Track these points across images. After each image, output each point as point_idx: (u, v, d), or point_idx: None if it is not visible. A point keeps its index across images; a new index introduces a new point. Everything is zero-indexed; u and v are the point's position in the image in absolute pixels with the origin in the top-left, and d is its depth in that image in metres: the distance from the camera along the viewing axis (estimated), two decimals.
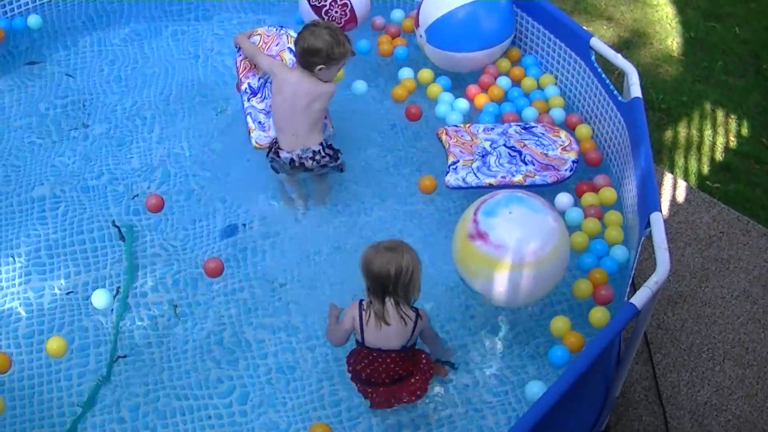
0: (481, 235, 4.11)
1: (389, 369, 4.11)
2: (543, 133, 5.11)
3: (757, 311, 5.13)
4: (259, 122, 5.07)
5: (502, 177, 4.86)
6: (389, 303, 3.97)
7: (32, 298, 4.65)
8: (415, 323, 4.03)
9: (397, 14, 5.92)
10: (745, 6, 7.15)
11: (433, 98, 5.49)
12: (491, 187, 4.76)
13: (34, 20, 5.91)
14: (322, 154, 4.89)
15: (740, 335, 5.03)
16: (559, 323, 4.40)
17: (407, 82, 5.54)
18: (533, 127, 5.16)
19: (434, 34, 5.33)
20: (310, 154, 4.87)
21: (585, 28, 5.78)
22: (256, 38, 5.21)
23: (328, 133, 5.09)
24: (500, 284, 4.15)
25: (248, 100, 5.14)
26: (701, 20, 6.99)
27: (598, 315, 4.37)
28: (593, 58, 5.17)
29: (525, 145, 5.03)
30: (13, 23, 5.91)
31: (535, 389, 4.15)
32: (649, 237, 4.08)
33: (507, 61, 5.62)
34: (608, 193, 4.89)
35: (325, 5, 5.42)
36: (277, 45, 5.18)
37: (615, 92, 5.00)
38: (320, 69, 4.73)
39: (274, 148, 4.94)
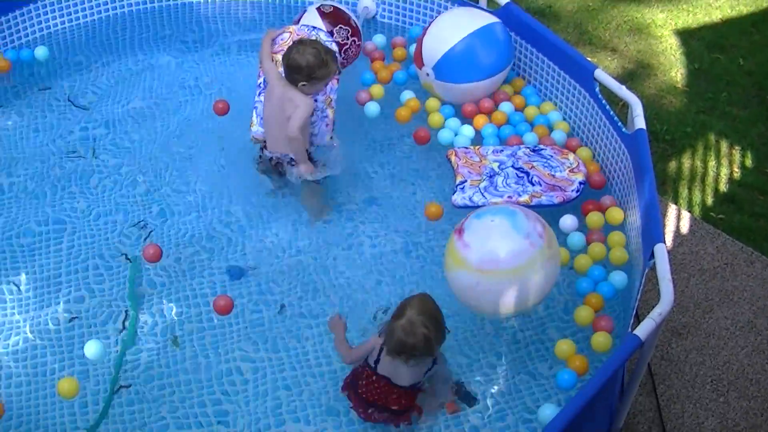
0: (460, 231, 4.28)
1: (389, 399, 4.12)
2: (551, 156, 5.17)
3: (761, 342, 5.12)
4: (262, 118, 5.19)
5: (509, 197, 4.90)
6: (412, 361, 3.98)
7: (33, 326, 4.66)
8: (431, 367, 4.08)
9: (379, 39, 6.09)
10: (749, 37, 7.19)
11: (437, 126, 5.55)
12: None
13: (41, 52, 5.97)
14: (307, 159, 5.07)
15: (745, 367, 5.02)
16: (564, 346, 4.41)
17: (411, 102, 5.64)
18: (542, 149, 5.23)
19: (442, 69, 5.42)
20: (288, 159, 5.05)
21: (589, 59, 5.82)
22: (286, 35, 5.31)
23: (323, 141, 5.22)
24: (457, 281, 4.30)
25: (259, 94, 5.28)
26: (705, 51, 7.03)
27: (600, 339, 4.39)
28: (597, 89, 5.21)
29: (533, 167, 5.08)
30: (20, 54, 5.98)
31: (548, 411, 4.16)
32: (653, 268, 4.09)
33: (511, 89, 5.74)
34: (615, 213, 4.93)
35: (347, 44, 5.54)
36: None
37: (619, 123, 5.02)
38: (303, 85, 4.88)
39: (262, 144, 5.15)
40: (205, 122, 5.71)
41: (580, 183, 5.00)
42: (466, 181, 5.05)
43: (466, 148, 5.31)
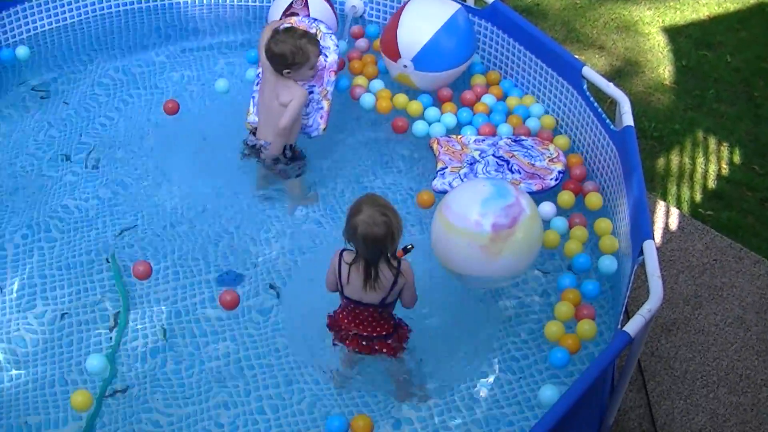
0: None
1: (367, 323, 4.15)
2: (532, 146, 5.26)
3: (750, 338, 5.14)
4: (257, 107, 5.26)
5: None
6: (381, 265, 3.99)
7: (24, 327, 4.65)
8: (398, 272, 4.03)
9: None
10: (736, 34, 7.21)
11: (416, 115, 5.62)
12: None
13: (22, 51, 5.95)
14: (285, 149, 5.12)
15: (734, 362, 5.03)
16: (554, 328, 4.47)
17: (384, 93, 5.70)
18: (523, 140, 5.32)
19: (422, 60, 5.48)
20: (267, 145, 5.14)
21: (577, 57, 5.83)
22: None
23: (317, 132, 5.27)
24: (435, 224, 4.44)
25: (257, 84, 5.36)
26: (693, 49, 7.05)
27: (586, 327, 4.43)
28: (585, 86, 5.21)
29: (513, 156, 5.16)
30: (0, 54, 5.97)
31: (549, 392, 4.17)
32: (642, 265, 4.10)
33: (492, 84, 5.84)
34: (594, 198, 5.02)
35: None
36: None
37: (607, 121, 5.03)
38: (288, 73, 4.94)
39: (252, 130, 5.24)
40: (192, 122, 5.71)
41: (560, 172, 5.08)
42: (446, 167, 5.14)
43: (449, 136, 5.40)
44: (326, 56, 5.29)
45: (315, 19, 5.44)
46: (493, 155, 5.18)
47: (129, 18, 6.34)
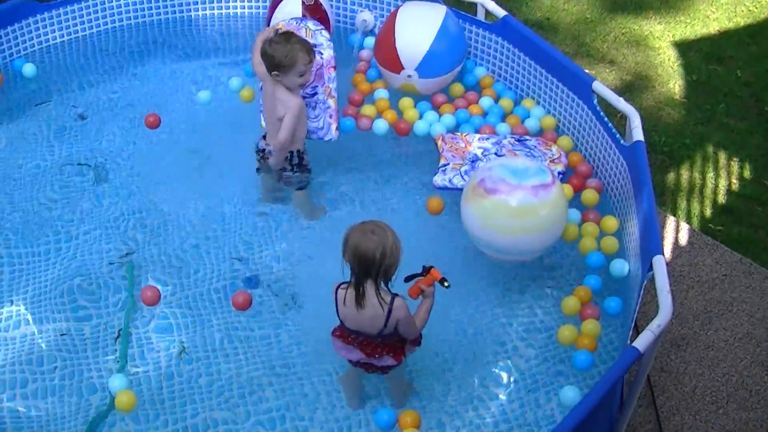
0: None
1: (371, 348, 4.13)
2: (535, 146, 5.33)
3: (760, 354, 5.12)
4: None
5: None
6: (368, 285, 3.95)
7: (29, 340, 4.66)
8: (390, 309, 3.97)
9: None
10: (746, 49, 7.21)
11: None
12: None
13: (28, 69, 6.01)
14: (290, 156, 5.12)
15: (744, 378, 5.02)
16: (571, 302, 4.65)
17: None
18: (527, 139, 5.40)
19: (426, 68, 5.61)
20: (263, 154, 5.18)
21: (587, 71, 5.84)
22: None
23: (330, 136, 5.28)
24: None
25: (261, 88, 5.33)
26: (703, 63, 7.05)
27: (590, 327, 4.55)
28: (596, 101, 5.22)
29: (515, 155, 5.21)
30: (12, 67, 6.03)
31: (570, 394, 4.20)
32: (652, 280, 4.10)
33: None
34: (590, 195, 5.16)
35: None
36: None
37: (617, 135, 5.04)
38: (276, 75, 4.94)
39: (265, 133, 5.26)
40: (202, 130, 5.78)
41: (559, 173, 5.16)
42: (448, 164, 5.23)
43: (453, 134, 5.48)
44: (321, 53, 5.29)
45: (302, 18, 5.47)
46: (496, 154, 5.25)
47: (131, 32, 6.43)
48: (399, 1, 5.96)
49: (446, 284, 4.04)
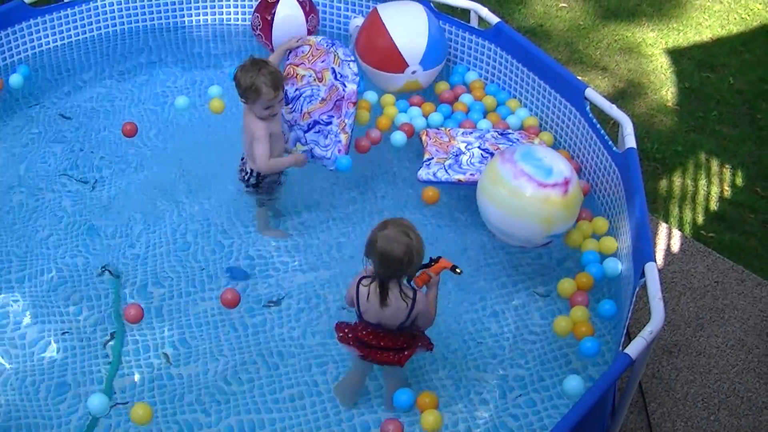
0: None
1: (385, 343, 4.15)
2: (518, 140, 5.35)
3: (752, 361, 5.13)
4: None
5: (471, 174, 5.08)
6: (392, 284, 3.98)
7: (27, 343, 4.64)
8: (413, 304, 4.02)
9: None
10: (739, 57, 7.23)
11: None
12: (459, 183, 5.08)
13: (21, 73, 5.98)
14: (248, 175, 5.07)
15: (735, 385, 5.02)
16: (566, 284, 4.71)
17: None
18: (510, 133, 5.44)
19: (428, 59, 5.66)
20: (241, 166, 5.13)
21: (580, 78, 5.85)
22: (306, 48, 5.39)
23: (333, 166, 5.20)
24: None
25: None
26: (696, 71, 7.07)
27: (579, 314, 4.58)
28: (588, 108, 5.23)
29: (498, 149, 5.21)
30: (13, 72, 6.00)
31: (574, 383, 4.19)
32: (644, 287, 4.10)
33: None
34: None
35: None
36: (322, 61, 5.35)
37: (610, 142, 5.04)
38: (243, 101, 4.85)
39: None
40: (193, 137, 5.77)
41: None
42: (432, 158, 5.26)
43: (438, 129, 5.52)
44: (345, 86, 5.23)
45: (334, 42, 5.40)
46: (479, 147, 5.28)
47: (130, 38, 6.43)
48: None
49: (458, 270, 4.18)
